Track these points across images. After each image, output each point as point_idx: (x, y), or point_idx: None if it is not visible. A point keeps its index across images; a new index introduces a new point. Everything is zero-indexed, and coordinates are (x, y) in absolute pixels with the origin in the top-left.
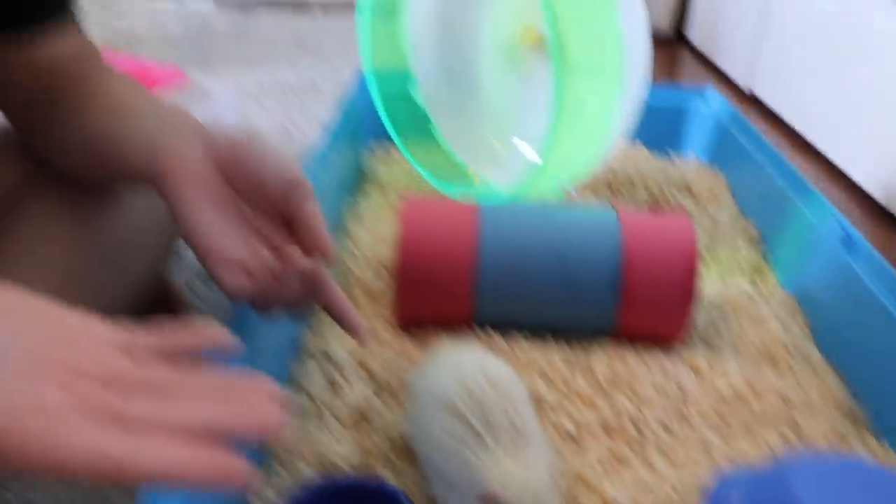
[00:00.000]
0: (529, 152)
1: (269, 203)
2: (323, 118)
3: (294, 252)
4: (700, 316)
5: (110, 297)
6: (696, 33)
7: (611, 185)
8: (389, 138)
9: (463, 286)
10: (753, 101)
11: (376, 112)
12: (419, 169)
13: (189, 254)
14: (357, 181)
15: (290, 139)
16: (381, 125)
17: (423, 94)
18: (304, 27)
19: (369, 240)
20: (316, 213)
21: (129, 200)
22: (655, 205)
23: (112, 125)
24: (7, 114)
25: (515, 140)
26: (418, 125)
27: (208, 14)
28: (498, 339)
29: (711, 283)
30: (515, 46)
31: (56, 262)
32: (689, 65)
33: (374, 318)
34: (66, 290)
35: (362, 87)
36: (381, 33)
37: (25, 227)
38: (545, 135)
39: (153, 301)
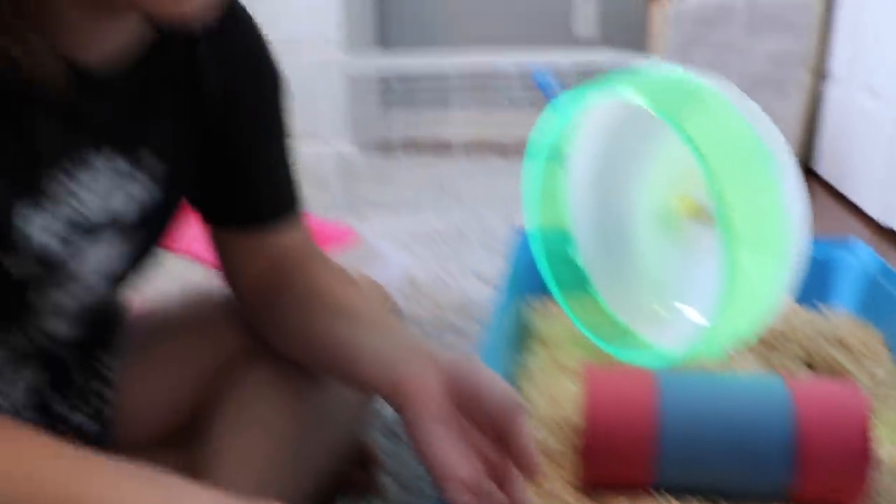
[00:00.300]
0: (693, 316)
1: (484, 419)
2: (474, 267)
3: (508, 469)
4: (875, 481)
5: (318, 457)
6: (826, 166)
7: (765, 341)
8: (547, 293)
9: (644, 454)
10: (891, 235)
11: (534, 267)
12: (582, 329)
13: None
14: (520, 337)
15: (446, 288)
16: (539, 280)
17: (582, 255)
18: (443, 169)
19: (542, 399)
20: (528, 433)
21: None
22: (811, 361)
23: (342, 335)
24: (234, 292)
25: (679, 305)
26: (578, 284)
27: (351, 156)
28: None
29: (881, 446)
30: (672, 214)
31: (273, 424)
32: (819, 198)
33: (553, 479)
34: (281, 452)
35: (521, 243)
36: (544, 190)
37: (242, 391)
38: (715, 306)
39: (348, 458)
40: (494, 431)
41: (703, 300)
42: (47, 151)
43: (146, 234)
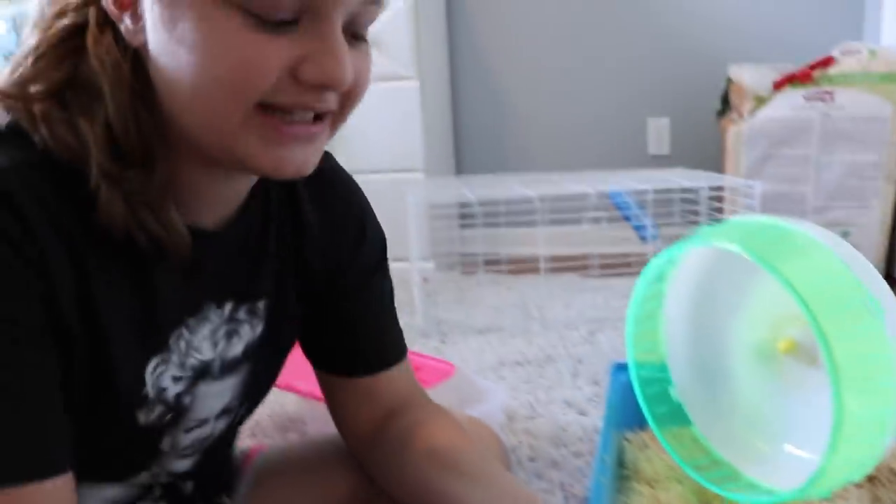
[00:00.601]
0: (798, 454)
1: None
2: (562, 393)
3: None
4: None
5: None
6: None
7: (872, 476)
8: (644, 425)
9: None
10: None
11: (630, 400)
12: (685, 467)
13: None
14: (621, 474)
15: (538, 416)
16: (636, 413)
17: (679, 390)
18: (524, 288)
19: None
20: None
21: None
22: None
23: (447, 488)
24: (341, 431)
25: (783, 444)
26: (676, 419)
27: (431, 276)
28: None
29: None
30: (771, 351)
31: None
32: None
33: None
34: None
35: (616, 376)
36: (642, 327)
37: None
38: (823, 450)
39: None
40: None
41: (808, 438)
42: (171, 310)
43: (252, 368)
